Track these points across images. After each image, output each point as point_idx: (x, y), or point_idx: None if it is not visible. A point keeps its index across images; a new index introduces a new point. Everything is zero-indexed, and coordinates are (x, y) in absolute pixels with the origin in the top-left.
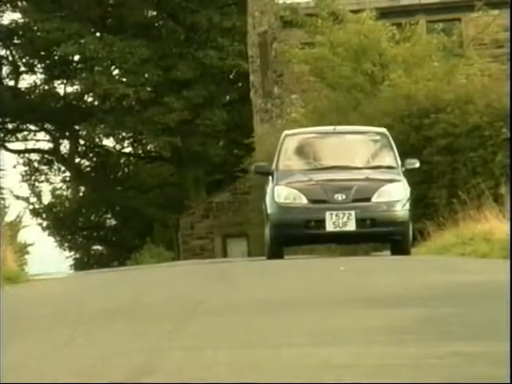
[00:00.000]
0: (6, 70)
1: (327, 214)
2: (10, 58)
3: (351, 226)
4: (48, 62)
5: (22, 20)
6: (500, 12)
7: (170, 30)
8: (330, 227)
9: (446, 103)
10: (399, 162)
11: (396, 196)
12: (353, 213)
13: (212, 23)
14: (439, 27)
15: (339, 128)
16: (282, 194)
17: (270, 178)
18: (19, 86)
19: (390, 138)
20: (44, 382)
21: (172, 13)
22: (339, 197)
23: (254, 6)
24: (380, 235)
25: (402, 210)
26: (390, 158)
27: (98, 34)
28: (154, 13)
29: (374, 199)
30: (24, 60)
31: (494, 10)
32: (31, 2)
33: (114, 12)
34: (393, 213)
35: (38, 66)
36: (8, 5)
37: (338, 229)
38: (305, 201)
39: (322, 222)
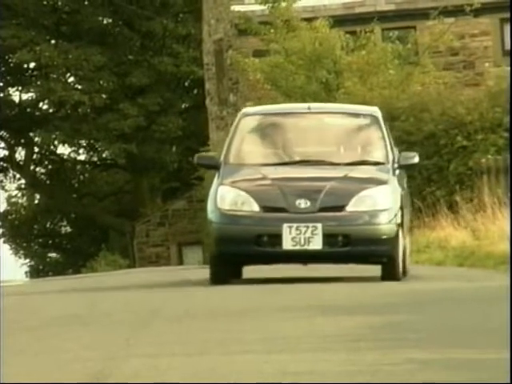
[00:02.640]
0: None
1: (285, 226)
2: None
3: (316, 244)
4: (3, 69)
5: None
6: (455, 20)
7: (126, 37)
8: (287, 245)
9: (401, 111)
10: (391, 156)
11: (381, 204)
12: (319, 226)
13: (167, 30)
14: (394, 35)
15: (315, 107)
16: (226, 198)
17: (216, 173)
18: None
19: (382, 123)
20: None
21: (127, 20)
22: (302, 203)
23: (209, 13)
24: (356, 257)
25: (387, 223)
26: (378, 149)
27: (53, 42)
28: (110, 20)
29: (349, 208)
30: None
31: (449, 18)
32: None
33: (69, 19)
34: (375, 227)
35: None
36: None
37: (298, 247)
38: (256, 208)
39: (277, 238)
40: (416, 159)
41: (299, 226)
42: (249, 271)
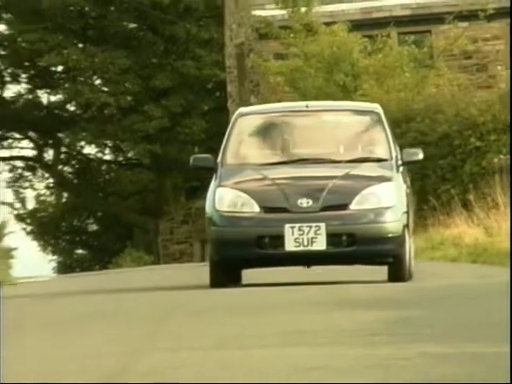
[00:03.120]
0: None
1: (287, 227)
2: None
3: (320, 245)
4: (32, 72)
5: (7, 31)
6: (469, 24)
7: (150, 41)
8: (290, 246)
9: (416, 112)
10: (394, 153)
11: (385, 201)
12: (323, 226)
13: (190, 35)
14: (410, 39)
15: (313, 105)
16: (225, 199)
17: (214, 175)
18: (4, 95)
19: (384, 119)
20: (24, 382)
21: (151, 25)
22: (304, 203)
23: (230, 18)
24: (362, 256)
25: (393, 220)
26: (381, 146)
27: (80, 45)
28: (135, 25)
29: (353, 206)
30: (9, 70)
31: (463, 23)
32: (16, 14)
33: (96, 24)
34: (380, 225)
35: (23, 76)
36: None
37: (301, 248)
38: (256, 209)
39: (279, 239)
40: (420, 155)
41: (302, 227)
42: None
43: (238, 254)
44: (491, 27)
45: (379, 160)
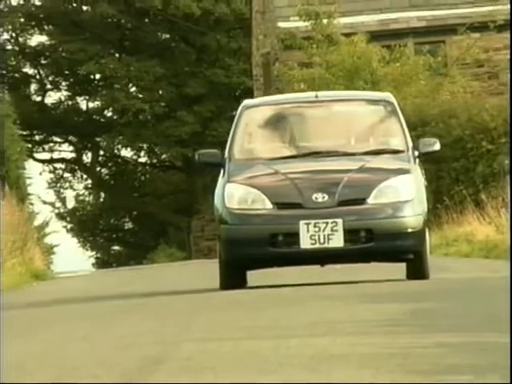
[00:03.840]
0: (33, 87)
1: (302, 224)
2: (38, 77)
3: (337, 242)
4: (72, 80)
5: (48, 42)
6: (481, 35)
7: (182, 51)
8: (306, 243)
9: (431, 118)
10: (410, 144)
11: (404, 195)
12: (339, 221)
13: (220, 45)
14: (426, 49)
15: (323, 95)
16: (235, 196)
17: (222, 171)
18: (46, 101)
19: (398, 109)
20: (62, 371)
21: (184, 35)
22: (320, 198)
23: (257, 29)
24: (381, 253)
25: (413, 215)
26: (396, 137)
27: (116, 55)
28: (168, 35)
29: (371, 200)
30: (50, 78)
31: (475, 34)
32: (56, 26)
33: (131, 35)
34: (399, 220)
35: (63, 83)
36: (36, 28)
37: (317, 245)
38: (269, 205)
39: (294, 237)
40: (437, 146)
41: (317, 223)
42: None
43: (250, 254)
44: (502, 37)
45: (395, 151)
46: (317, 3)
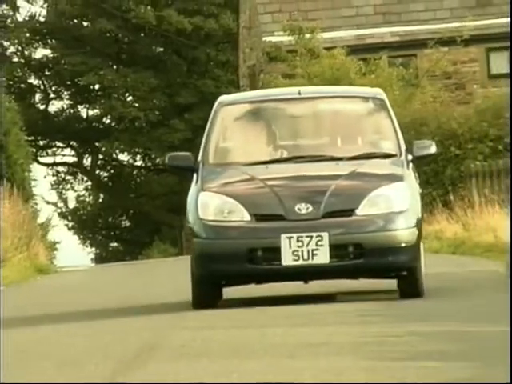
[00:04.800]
0: (38, 96)
1: (283, 238)
2: (42, 87)
3: (323, 258)
4: (73, 89)
5: (52, 55)
6: (449, 49)
7: (175, 63)
8: (287, 260)
9: (404, 125)
10: (403, 147)
11: (397, 205)
12: (325, 235)
13: (209, 58)
14: (399, 62)
15: (307, 91)
16: (209, 206)
17: (195, 176)
18: (49, 110)
19: (389, 107)
20: (65, 357)
21: (176, 49)
22: (303, 208)
23: (244, 44)
24: (371, 270)
25: (406, 227)
26: (388, 139)
27: (114, 67)
28: (161, 49)
29: (360, 211)
30: (53, 88)
31: (443, 48)
32: (59, 40)
33: (128, 48)
34: (392, 233)
35: (65, 93)
36: (40, 42)
37: (301, 262)
38: (247, 216)
39: (275, 252)
40: (433, 149)
41: (301, 237)
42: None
43: (226, 270)
44: (468, 51)
45: (387, 155)
46: (300, 19)
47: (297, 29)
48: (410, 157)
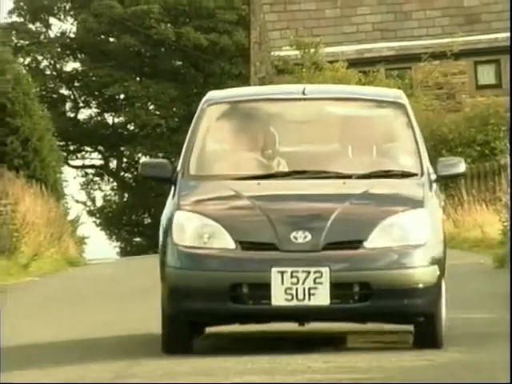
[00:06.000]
0: (68, 105)
1: (275, 272)
2: (72, 97)
3: (322, 298)
4: (100, 99)
5: (81, 68)
6: (440, 62)
7: (192, 76)
8: (279, 299)
9: None
10: (426, 163)
11: (415, 236)
12: (326, 271)
13: (224, 70)
14: (395, 73)
15: (313, 90)
16: (186, 229)
17: (172, 189)
18: (79, 117)
19: (411, 113)
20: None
21: (194, 62)
22: (300, 237)
23: (255, 57)
24: (380, 314)
25: (425, 264)
26: (407, 153)
27: (137, 79)
28: (180, 62)
29: (369, 242)
30: (82, 98)
31: (435, 61)
32: (88, 54)
33: (150, 62)
34: (407, 271)
35: (93, 102)
36: (70, 56)
37: (295, 302)
38: (231, 244)
39: (264, 289)
40: (462, 167)
41: (296, 272)
42: None
43: (203, 309)
44: (458, 64)
45: (405, 174)
46: (305, 36)
47: (302, 44)
48: (433, 176)
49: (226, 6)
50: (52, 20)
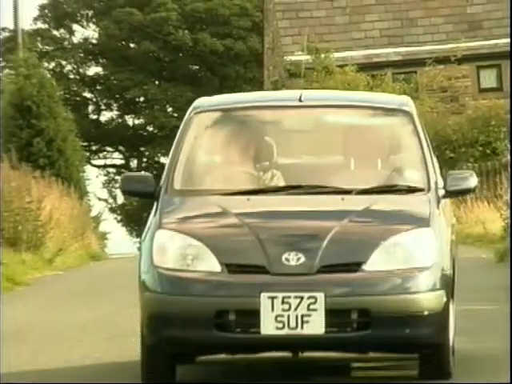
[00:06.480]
0: (91, 108)
1: (264, 297)
2: (94, 100)
3: (316, 327)
4: (121, 102)
5: (103, 72)
6: (444, 66)
7: (208, 79)
8: (268, 328)
9: None
10: (434, 177)
11: (420, 258)
12: (321, 296)
13: (239, 74)
14: (401, 77)
15: (310, 97)
16: (167, 249)
17: (155, 205)
18: (100, 119)
19: (417, 121)
20: (112, 332)
21: (210, 67)
22: (292, 259)
23: (268, 61)
24: (380, 344)
25: (431, 289)
26: (413, 166)
27: (156, 82)
28: (197, 67)
29: (369, 265)
30: (104, 101)
31: (440, 65)
32: (109, 59)
33: (168, 66)
34: (410, 297)
35: (114, 105)
36: (92, 61)
37: (286, 331)
38: (216, 266)
39: (252, 316)
40: (473, 181)
41: (288, 297)
42: None
43: (186, 338)
44: (461, 69)
45: (410, 189)
46: (316, 41)
47: (314, 49)
48: (441, 191)
49: (241, 13)
50: (75, 26)
